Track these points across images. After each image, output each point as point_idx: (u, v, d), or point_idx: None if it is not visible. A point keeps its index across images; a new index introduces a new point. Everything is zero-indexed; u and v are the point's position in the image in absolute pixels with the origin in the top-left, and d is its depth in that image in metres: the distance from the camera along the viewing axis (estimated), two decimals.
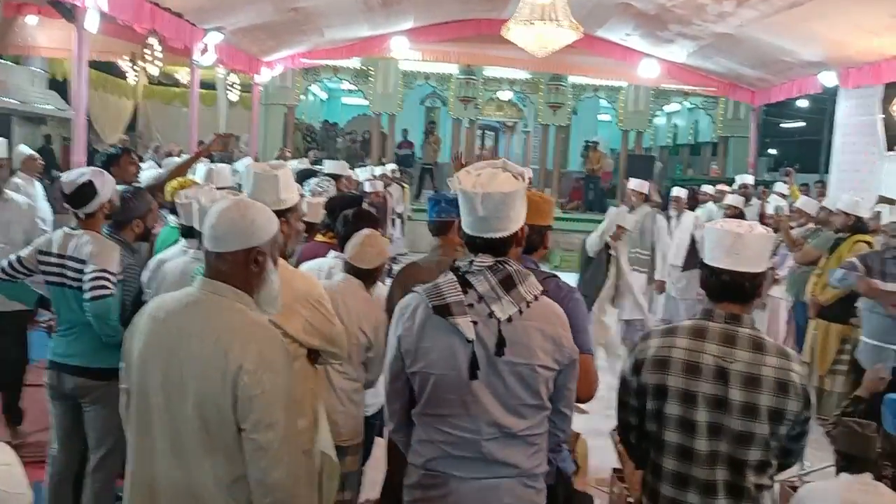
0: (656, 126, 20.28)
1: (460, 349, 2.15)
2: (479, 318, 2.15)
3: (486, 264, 2.19)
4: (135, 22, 8.27)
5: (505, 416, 2.16)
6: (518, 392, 2.16)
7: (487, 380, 2.15)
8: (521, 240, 2.27)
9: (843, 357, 5.91)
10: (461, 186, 2.19)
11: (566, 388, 2.27)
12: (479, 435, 2.17)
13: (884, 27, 8.37)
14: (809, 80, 11.49)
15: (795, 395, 2.24)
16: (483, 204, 2.15)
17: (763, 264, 2.32)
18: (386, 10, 11.85)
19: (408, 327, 2.23)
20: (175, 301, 2.13)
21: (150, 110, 19.00)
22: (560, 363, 2.20)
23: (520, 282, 2.18)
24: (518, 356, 2.14)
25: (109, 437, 3.38)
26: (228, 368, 1.97)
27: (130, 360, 2.15)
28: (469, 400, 2.16)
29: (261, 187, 2.75)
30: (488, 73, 16.54)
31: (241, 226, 2.08)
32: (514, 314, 2.14)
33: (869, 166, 10.31)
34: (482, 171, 2.22)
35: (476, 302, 2.16)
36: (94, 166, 4.65)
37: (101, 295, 3.32)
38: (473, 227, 2.20)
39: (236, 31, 10.98)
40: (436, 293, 2.18)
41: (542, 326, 2.18)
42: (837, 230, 6.05)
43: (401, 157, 16.77)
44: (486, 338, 2.14)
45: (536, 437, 2.23)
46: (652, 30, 11.95)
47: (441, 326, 2.16)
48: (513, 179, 2.20)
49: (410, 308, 2.25)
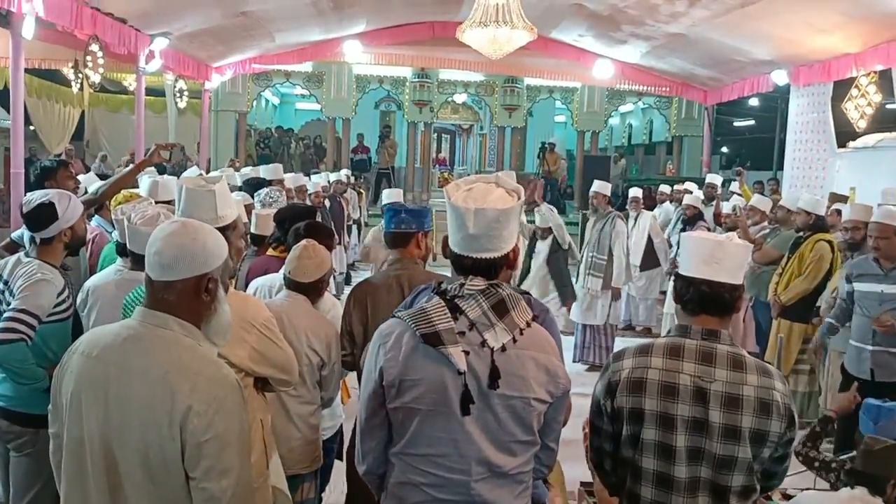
0: (611, 126, 20.40)
1: (451, 382, 1.94)
2: (470, 348, 1.94)
3: (478, 288, 1.99)
4: (75, 28, 7.99)
5: (496, 454, 1.97)
6: (510, 428, 1.97)
7: (479, 415, 1.95)
8: (514, 262, 2.08)
9: (805, 357, 5.92)
10: (451, 201, 2.00)
11: (555, 422, 2.09)
12: (469, 476, 1.96)
13: (833, 25, 8.47)
14: (761, 79, 11.64)
15: (778, 415, 2.11)
16: (475, 221, 1.96)
17: (741, 276, 2.21)
18: (338, 14, 11.67)
19: (391, 357, 1.98)
20: (111, 336, 1.91)
21: (97, 118, 18.50)
22: (553, 395, 2.02)
23: (512, 307, 1.99)
24: (512, 389, 1.95)
25: (33, 488, 3.06)
26: (175, 410, 1.77)
27: (60, 402, 1.93)
28: (459, 437, 1.96)
29: (196, 204, 2.55)
30: (443, 76, 16.43)
31: (192, 251, 1.88)
32: (507, 343, 1.95)
33: (821, 163, 10.44)
34: (474, 186, 2.03)
35: (467, 329, 1.96)
36: (34, 180, 4.40)
37: (6, 340, 2.89)
38: (463, 246, 2.01)
39: (183, 37, 10.70)
40: (423, 319, 1.96)
41: (536, 355, 1.99)
42: (798, 229, 6.05)
43: (356, 162, 16.55)
44: (479, 369, 1.94)
45: (525, 475, 2.05)
46: (605, 30, 11.97)
47: (430, 356, 1.94)
48: (507, 196, 2.02)
49: (394, 336, 2.01)
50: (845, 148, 9.98)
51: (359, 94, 16.57)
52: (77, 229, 3.30)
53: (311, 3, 10.74)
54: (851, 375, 4.70)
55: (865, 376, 4.62)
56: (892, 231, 4.59)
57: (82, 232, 3.44)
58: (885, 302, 4.56)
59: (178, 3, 9.12)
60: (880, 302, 4.59)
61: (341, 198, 10.93)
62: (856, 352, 4.71)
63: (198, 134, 15.01)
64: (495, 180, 2.07)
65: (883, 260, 4.64)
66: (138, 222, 2.87)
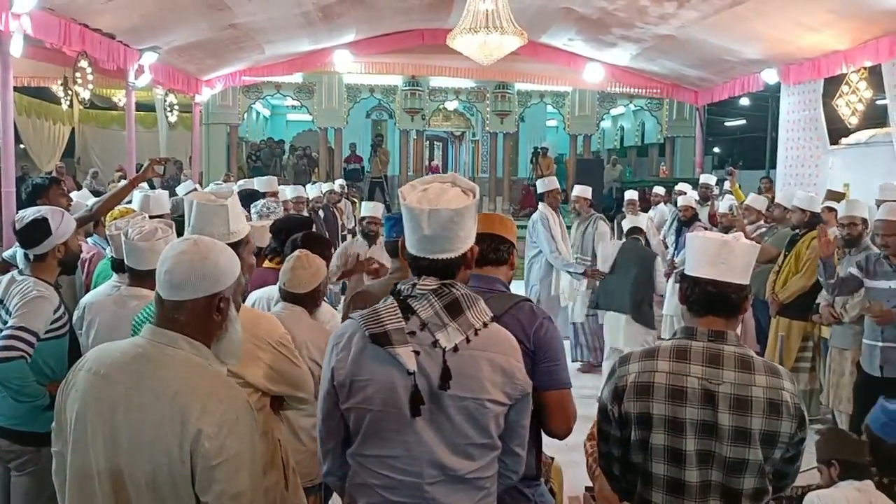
0: (603, 130, 20.42)
1: (400, 382, 1.91)
2: (421, 348, 1.92)
3: (430, 287, 1.96)
4: (64, 45, 7.95)
5: (450, 456, 1.94)
6: (465, 430, 1.93)
7: (431, 416, 1.92)
8: (471, 262, 2.06)
9: (806, 354, 5.92)
10: (405, 202, 1.97)
11: (519, 426, 2.04)
12: (422, 478, 1.93)
13: (822, 23, 8.48)
14: (751, 78, 11.65)
15: (788, 415, 2.08)
16: (429, 222, 1.93)
17: (747, 277, 2.18)
18: (327, 24, 11.65)
19: (341, 358, 1.99)
20: (120, 353, 1.86)
21: (87, 135, 18.47)
22: (512, 397, 1.97)
23: (468, 307, 1.96)
24: (465, 390, 1.91)
25: None
26: (186, 433, 1.72)
27: (64, 421, 1.89)
28: (411, 439, 1.93)
29: (208, 220, 2.49)
30: (434, 83, 16.42)
31: (203, 270, 1.84)
32: (460, 343, 1.92)
33: (814, 161, 10.45)
34: (429, 186, 2.01)
35: (419, 329, 1.93)
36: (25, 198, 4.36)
37: (6, 358, 2.88)
38: (418, 248, 1.98)
39: (172, 51, 10.67)
40: (374, 319, 1.95)
41: (492, 356, 1.95)
42: (794, 227, 6.04)
43: (349, 172, 16.52)
44: (430, 369, 1.91)
45: (485, 481, 2.00)
46: (594, 34, 11.97)
47: (379, 357, 1.92)
48: (463, 195, 1.99)
49: (346, 336, 2.01)
50: (838, 145, 10.00)
51: (350, 103, 16.55)
52: (71, 245, 3.27)
53: (300, 14, 10.71)
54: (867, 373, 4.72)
55: (876, 373, 4.62)
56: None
57: (76, 248, 3.41)
58: (893, 297, 4.56)
59: (167, 17, 9.09)
60: (888, 297, 4.60)
61: (335, 208, 10.90)
62: (868, 349, 4.74)
63: (189, 148, 14.97)
64: (452, 179, 2.04)
65: (892, 257, 4.65)
66: (135, 237, 2.83)
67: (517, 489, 2.38)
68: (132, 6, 8.17)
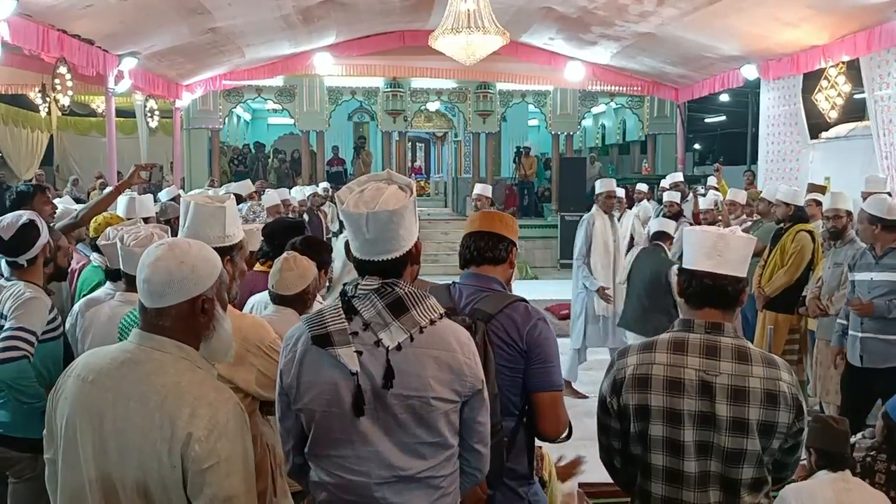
0: (585, 128, 20.50)
1: (343, 383, 1.90)
2: (364, 348, 1.91)
3: (371, 287, 1.95)
4: (42, 51, 7.89)
5: (400, 456, 1.92)
6: (412, 429, 1.91)
7: (376, 416, 1.91)
8: (417, 257, 2.04)
9: (793, 346, 5.96)
10: (343, 207, 1.95)
11: (476, 422, 2.01)
12: (370, 478, 1.92)
13: (800, 18, 8.57)
14: (731, 74, 11.75)
15: (786, 405, 2.10)
16: (369, 225, 1.92)
17: (744, 270, 2.20)
18: (307, 27, 11.61)
19: (288, 360, 1.99)
20: (107, 359, 1.84)
21: (66, 142, 18.33)
22: (461, 394, 1.95)
23: (413, 305, 1.94)
24: (408, 388, 1.90)
25: None
26: (175, 437, 1.71)
27: (54, 428, 1.87)
28: (356, 439, 1.92)
29: (204, 222, 2.47)
30: (415, 84, 16.42)
31: (181, 276, 1.81)
32: (404, 341, 1.90)
33: (795, 155, 10.55)
34: (365, 187, 1.98)
35: (361, 329, 1.92)
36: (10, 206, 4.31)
37: (9, 358, 2.86)
38: (362, 251, 1.97)
39: (152, 56, 10.60)
40: (317, 321, 1.95)
41: (438, 353, 1.92)
42: (779, 221, 6.09)
43: (332, 175, 16.49)
44: (373, 369, 1.90)
45: (441, 480, 1.97)
46: (575, 33, 12.02)
47: (322, 358, 1.92)
48: (400, 193, 1.96)
49: (293, 339, 2.01)
50: (818, 139, 10.10)
51: (331, 106, 16.51)
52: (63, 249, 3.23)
53: (280, 17, 10.68)
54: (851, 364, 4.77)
55: (857, 363, 4.67)
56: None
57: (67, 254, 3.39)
58: (875, 288, 4.61)
59: (146, 21, 9.03)
60: (869, 289, 4.64)
61: (319, 211, 10.88)
62: (850, 340, 4.77)
63: (170, 153, 14.88)
64: (387, 177, 2.02)
65: (877, 249, 4.70)
66: (131, 244, 2.81)
67: (511, 488, 2.38)
68: (111, 11, 8.11)
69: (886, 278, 4.59)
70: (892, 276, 4.58)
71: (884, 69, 8.17)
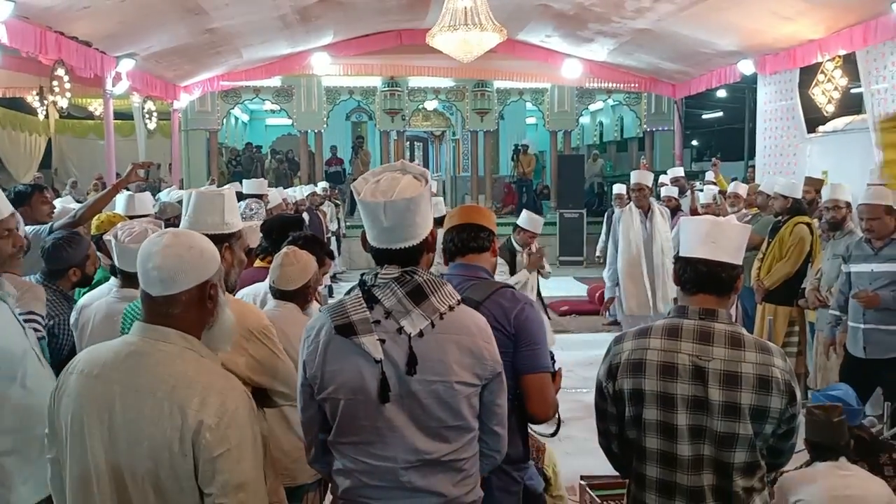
0: (582, 125, 20.50)
1: (368, 371, 1.95)
2: (387, 336, 1.96)
3: (392, 276, 2.00)
4: (39, 53, 7.89)
5: (424, 440, 1.97)
6: (437, 413, 1.96)
7: (401, 402, 1.96)
8: (433, 245, 2.09)
9: (792, 339, 5.97)
10: (360, 197, 2.00)
11: (495, 405, 2.07)
12: (396, 463, 1.97)
13: (797, 12, 8.58)
14: (728, 70, 11.76)
15: (778, 391, 2.13)
16: (387, 214, 1.96)
17: (739, 258, 2.23)
18: (305, 26, 11.62)
19: (311, 350, 2.03)
20: (112, 353, 1.85)
21: (64, 145, 18.32)
22: (482, 377, 2.01)
23: (432, 291, 1.99)
24: (432, 373, 1.95)
25: None
26: (186, 426, 1.72)
27: (58, 426, 1.87)
28: (383, 425, 1.97)
29: (204, 208, 2.52)
30: (413, 83, 16.41)
31: (191, 260, 1.83)
32: (425, 328, 1.96)
33: (792, 149, 10.56)
34: (381, 177, 2.03)
35: (383, 318, 1.97)
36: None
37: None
38: (379, 239, 2.02)
39: (150, 57, 10.61)
40: (339, 311, 2.00)
41: (459, 339, 1.98)
42: (777, 214, 6.11)
43: (331, 175, 16.50)
44: (396, 356, 1.95)
45: (464, 462, 2.03)
46: (572, 30, 12.03)
47: (346, 347, 1.97)
48: (415, 182, 2.01)
49: (315, 329, 2.05)
50: (815, 133, 10.10)
51: (329, 106, 16.50)
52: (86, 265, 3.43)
53: (277, 17, 10.69)
54: (852, 355, 4.78)
55: (860, 354, 4.69)
56: (882, 210, 4.66)
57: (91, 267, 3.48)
58: (876, 280, 4.63)
59: (144, 23, 9.04)
60: (870, 280, 4.65)
61: (318, 210, 10.90)
62: (852, 331, 4.79)
63: (168, 155, 14.87)
64: (401, 167, 2.07)
65: (875, 240, 4.71)
66: (126, 240, 2.83)
67: (506, 472, 2.41)
68: (109, 12, 8.12)
69: (888, 269, 4.61)
70: (893, 267, 4.59)
71: (880, 62, 8.19)
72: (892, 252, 4.63)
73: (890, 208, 4.67)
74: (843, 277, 4.92)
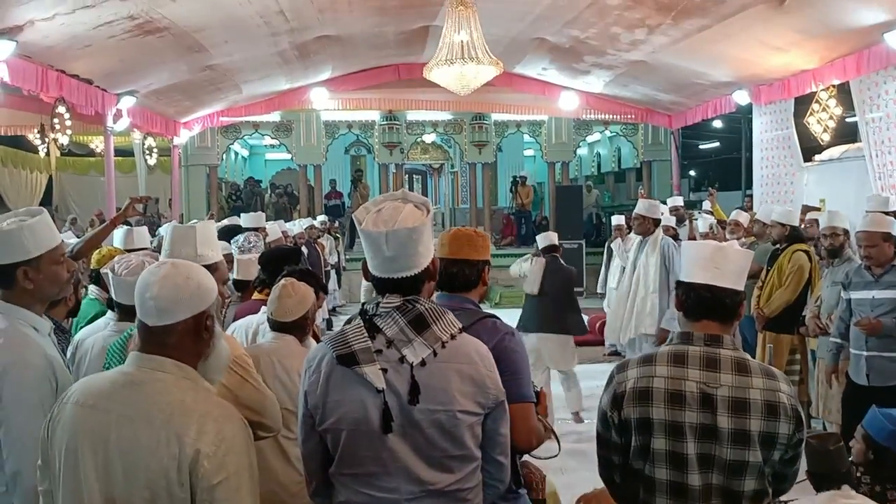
0: (580, 157, 20.61)
1: (370, 400, 1.93)
2: (389, 365, 1.94)
3: (393, 305, 2.00)
4: (41, 91, 7.98)
5: (428, 471, 1.95)
6: (440, 443, 1.94)
7: (404, 432, 1.94)
8: (434, 273, 2.09)
9: (794, 367, 5.95)
10: (362, 227, 2.00)
11: (498, 434, 2.05)
12: (400, 494, 1.95)
13: (789, 43, 8.67)
14: (723, 100, 11.86)
15: (786, 416, 2.12)
16: (389, 243, 1.96)
17: (741, 283, 2.22)
18: (303, 62, 11.74)
19: (313, 381, 2.01)
20: (108, 383, 1.86)
21: (64, 182, 18.41)
22: (485, 406, 2.00)
23: (434, 321, 1.99)
24: (435, 402, 1.93)
25: None
26: (183, 455, 1.72)
27: (51, 457, 1.86)
28: (386, 456, 1.95)
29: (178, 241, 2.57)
30: (411, 117, 16.54)
31: (189, 291, 1.85)
32: (427, 357, 1.94)
33: (789, 178, 10.61)
34: (382, 206, 2.04)
35: (385, 347, 1.96)
36: None
37: None
38: (381, 269, 2.02)
39: (150, 94, 10.71)
40: (341, 341, 1.99)
41: (461, 367, 1.97)
42: (775, 241, 6.12)
43: (330, 208, 16.56)
44: (399, 385, 1.93)
45: (467, 493, 2.00)
46: (568, 62, 12.15)
47: (348, 377, 1.95)
48: (417, 211, 2.02)
49: (316, 359, 2.04)
50: (811, 162, 10.16)
51: (328, 140, 16.61)
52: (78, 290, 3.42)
53: (276, 53, 10.80)
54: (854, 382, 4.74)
55: (863, 381, 4.66)
56: (879, 237, 4.66)
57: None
58: (878, 306, 4.61)
59: (145, 60, 9.13)
60: (872, 307, 4.64)
61: (316, 243, 10.91)
62: (855, 359, 4.76)
63: (168, 190, 14.93)
64: (402, 196, 2.07)
65: (874, 267, 4.71)
66: (123, 273, 2.83)
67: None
68: (110, 51, 8.21)
69: (889, 296, 4.60)
70: (894, 294, 4.59)
71: (874, 91, 8.26)
72: (892, 278, 4.63)
73: (888, 235, 4.68)
74: (843, 304, 4.91)
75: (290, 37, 10.08)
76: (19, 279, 2.30)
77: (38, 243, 2.31)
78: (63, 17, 6.78)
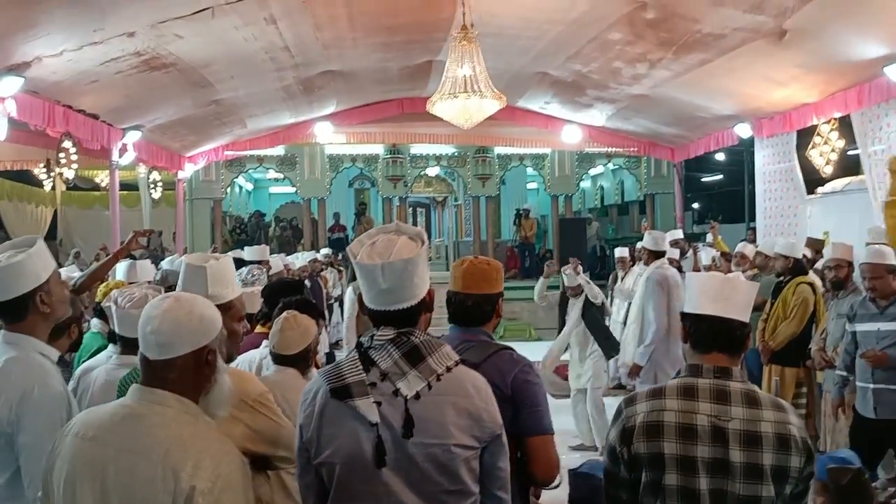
0: (583, 189, 20.68)
1: (364, 434, 1.90)
2: (383, 398, 1.91)
3: (387, 337, 1.97)
4: (47, 126, 8.04)
5: None
6: (434, 477, 1.90)
7: (398, 466, 1.90)
8: (430, 304, 2.07)
9: (801, 401, 5.89)
10: (357, 260, 1.99)
11: (496, 468, 2.00)
12: None
13: (790, 77, 8.74)
14: (725, 133, 11.91)
15: (797, 449, 2.08)
16: (385, 275, 1.95)
17: (748, 315, 2.20)
18: (308, 97, 11.85)
19: (308, 414, 1.99)
20: (108, 416, 1.85)
21: (69, 216, 18.50)
22: (481, 440, 1.95)
23: (429, 353, 1.96)
24: (429, 436, 1.89)
25: None
26: (179, 490, 1.70)
27: (50, 489, 1.85)
28: (380, 491, 1.90)
29: (190, 280, 2.52)
30: (415, 150, 16.64)
31: (190, 325, 1.85)
32: (422, 390, 1.91)
33: (793, 211, 10.61)
34: (376, 239, 2.02)
35: (379, 380, 1.93)
36: None
37: None
38: (377, 301, 2.00)
39: (155, 129, 10.79)
40: (335, 374, 1.96)
41: (456, 400, 1.93)
42: (779, 274, 6.10)
43: (333, 241, 16.57)
44: (393, 419, 1.90)
45: None
46: (570, 96, 12.24)
47: (342, 411, 1.92)
48: (411, 243, 2.00)
49: (311, 393, 2.01)
50: (815, 194, 10.17)
51: (332, 173, 16.71)
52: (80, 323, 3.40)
53: (281, 88, 10.91)
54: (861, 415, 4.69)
55: (870, 415, 4.61)
56: (883, 270, 4.65)
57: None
58: (883, 339, 4.58)
59: (151, 95, 9.22)
60: (877, 339, 4.61)
61: (319, 277, 10.90)
62: (861, 391, 4.72)
63: (172, 224, 14.98)
64: (395, 229, 2.06)
65: (879, 299, 4.69)
66: (126, 305, 2.82)
67: None
68: (116, 86, 8.29)
69: (895, 328, 4.57)
70: None
71: (875, 124, 8.30)
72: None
73: (892, 267, 4.66)
74: (849, 337, 4.88)
75: (294, 72, 10.18)
76: (36, 305, 2.37)
77: (45, 266, 2.41)
78: (70, 53, 6.86)
